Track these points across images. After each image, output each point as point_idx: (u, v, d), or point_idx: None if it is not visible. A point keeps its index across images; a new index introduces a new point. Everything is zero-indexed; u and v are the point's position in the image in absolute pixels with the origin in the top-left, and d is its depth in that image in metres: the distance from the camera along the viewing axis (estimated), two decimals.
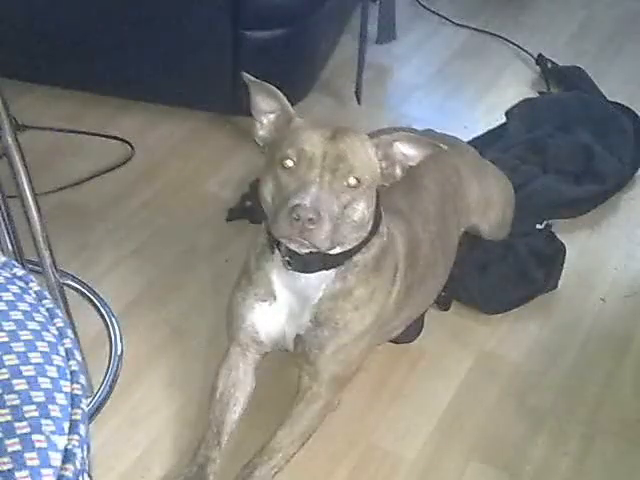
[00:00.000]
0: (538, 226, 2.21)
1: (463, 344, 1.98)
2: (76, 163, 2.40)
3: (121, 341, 1.91)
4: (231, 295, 1.69)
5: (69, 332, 1.02)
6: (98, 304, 1.99)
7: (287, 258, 1.52)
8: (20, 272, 1.08)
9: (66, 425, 0.90)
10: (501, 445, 1.77)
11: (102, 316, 1.96)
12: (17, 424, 0.86)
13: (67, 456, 0.87)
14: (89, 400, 1.76)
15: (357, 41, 2.54)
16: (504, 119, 2.59)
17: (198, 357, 1.89)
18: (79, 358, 0.99)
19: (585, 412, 1.84)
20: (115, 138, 2.48)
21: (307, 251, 1.46)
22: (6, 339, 0.95)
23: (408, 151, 1.49)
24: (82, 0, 2.33)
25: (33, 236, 1.67)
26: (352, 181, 1.42)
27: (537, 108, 2.63)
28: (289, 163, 1.42)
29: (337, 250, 1.50)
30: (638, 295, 2.12)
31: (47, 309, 1.04)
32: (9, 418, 0.87)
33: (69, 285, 1.97)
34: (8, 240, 1.71)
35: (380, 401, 1.84)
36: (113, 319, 1.96)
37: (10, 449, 0.84)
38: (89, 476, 0.95)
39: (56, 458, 0.86)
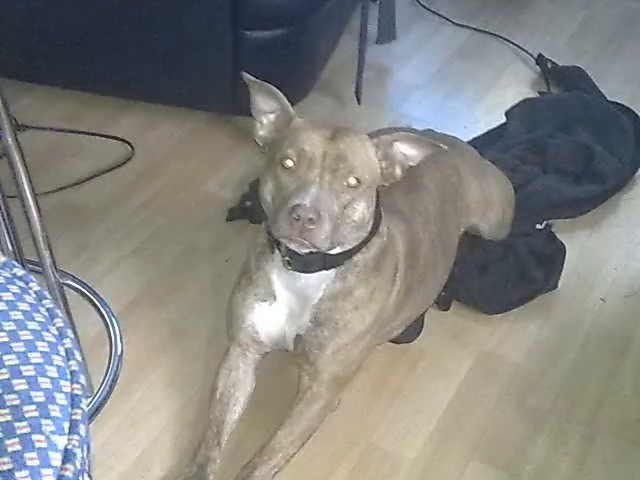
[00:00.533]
0: (538, 226, 2.21)
1: (463, 344, 1.97)
2: (76, 163, 2.40)
3: (121, 341, 1.91)
4: (231, 295, 1.69)
5: (69, 332, 1.02)
6: (98, 304, 1.99)
7: (287, 258, 1.52)
8: (20, 272, 1.08)
9: (66, 425, 0.90)
10: (501, 445, 1.77)
11: (102, 316, 1.96)
12: (17, 424, 0.86)
13: (67, 456, 0.87)
14: (89, 400, 1.76)
15: (357, 41, 2.53)
16: (504, 119, 2.59)
17: (198, 357, 1.89)
18: (79, 358, 0.99)
19: (585, 412, 1.84)
20: (115, 138, 2.48)
21: (307, 251, 1.46)
22: (6, 339, 0.95)
23: (408, 151, 1.49)
24: (82, 0, 2.33)
25: (33, 236, 1.67)
26: (352, 181, 1.42)
27: (537, 108, 2.63)
28: (289, 163, 1.42)
29: (337, 250, 1.50)
30: (638, 295, 2.12)
31: (47, 309, 1.04)
32: (9, 418, 0.87)
33: (69, 285, 1.97)
34: (8, 240, 1.71)
35: (380, 401, 1.84)
36: (113, 319, 1.96)
37: (10, 449, 0.84)
38: (89, 476, 0.95)
39: (56, 458, 0.86)
